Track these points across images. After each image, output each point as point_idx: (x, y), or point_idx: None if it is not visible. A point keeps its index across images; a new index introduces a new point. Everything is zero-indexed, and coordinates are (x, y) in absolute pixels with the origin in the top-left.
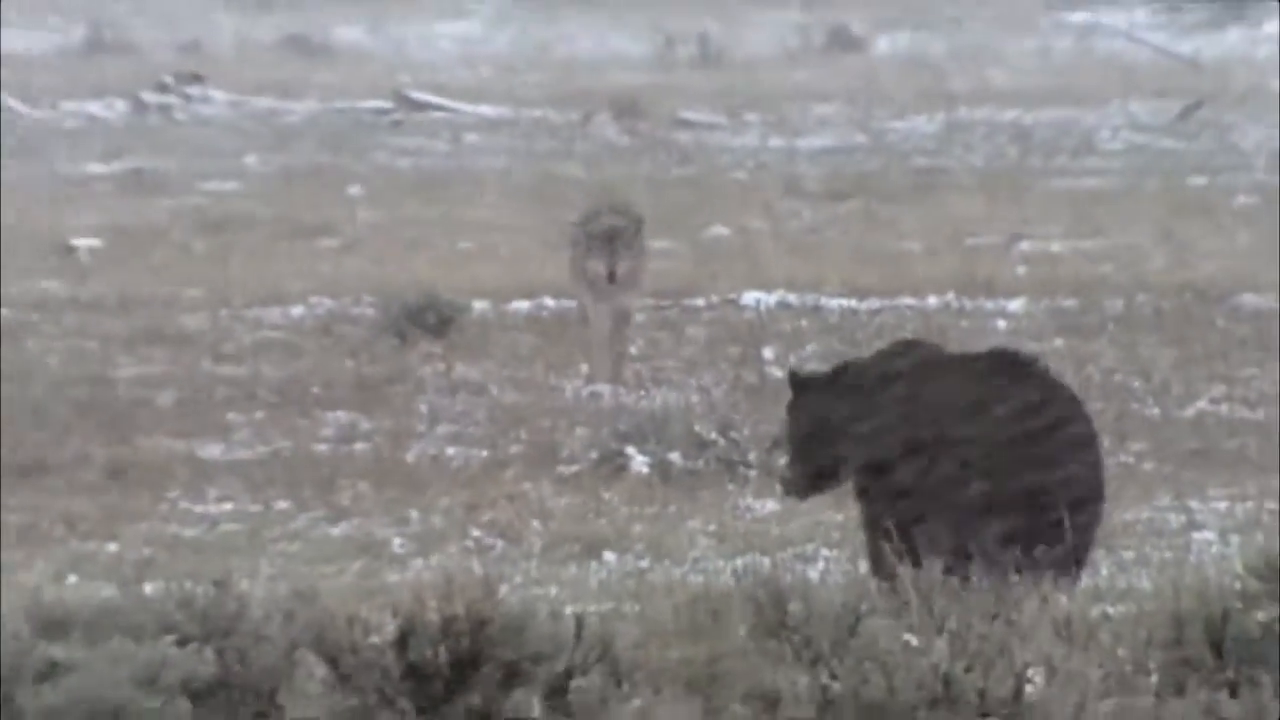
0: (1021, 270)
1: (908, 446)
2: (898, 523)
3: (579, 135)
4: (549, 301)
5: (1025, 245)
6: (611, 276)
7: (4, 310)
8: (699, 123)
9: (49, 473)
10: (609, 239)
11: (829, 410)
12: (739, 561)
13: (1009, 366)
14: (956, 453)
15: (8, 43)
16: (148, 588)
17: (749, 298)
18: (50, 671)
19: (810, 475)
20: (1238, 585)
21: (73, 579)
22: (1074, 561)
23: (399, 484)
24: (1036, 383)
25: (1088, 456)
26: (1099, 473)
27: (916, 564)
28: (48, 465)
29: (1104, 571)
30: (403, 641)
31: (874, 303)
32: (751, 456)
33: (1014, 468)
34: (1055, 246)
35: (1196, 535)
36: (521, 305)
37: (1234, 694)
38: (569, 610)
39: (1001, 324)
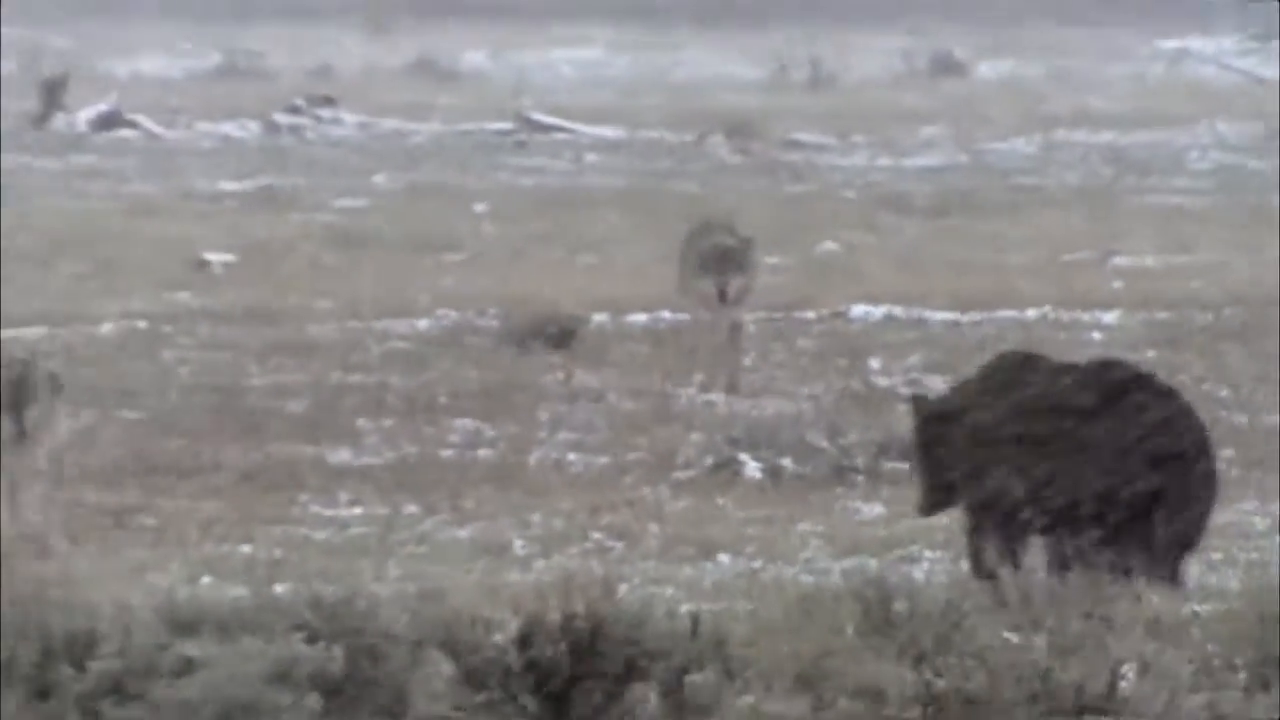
0: (1116, 284)
1: (1017, 454)
2: (1005, 531)
3: (694, 155)
4: (665, 314)
5: (1119, 260)
6: (722, 295)
7: (141, 322)
8: (809, 143)
9: (184, 477)
10: (720, 258)
11: (949, 429)
12: (847, 562)
13: (1118, 374)
14: (1065, 459)
15: (146, 67)
16: (279, 588)
17: (857, 310)
18: (184, 668)
19: (936, 493)
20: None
21: (206, 579)
22: (1177, 564)
23: (521, 488)
24: (1147, 391)
25: (1200, 463)
26: (1211, 480)
27: (1017, 566)
28: (183, 470)
29: (1194, 572)
30: (525, 639)
31: (975, 315)
32: (859, 462)
33: (1124, 473)
34: (1148, 261)
35: None
36: (639, 317)
37: None
38: (684, 609)
39: (1097, 336)
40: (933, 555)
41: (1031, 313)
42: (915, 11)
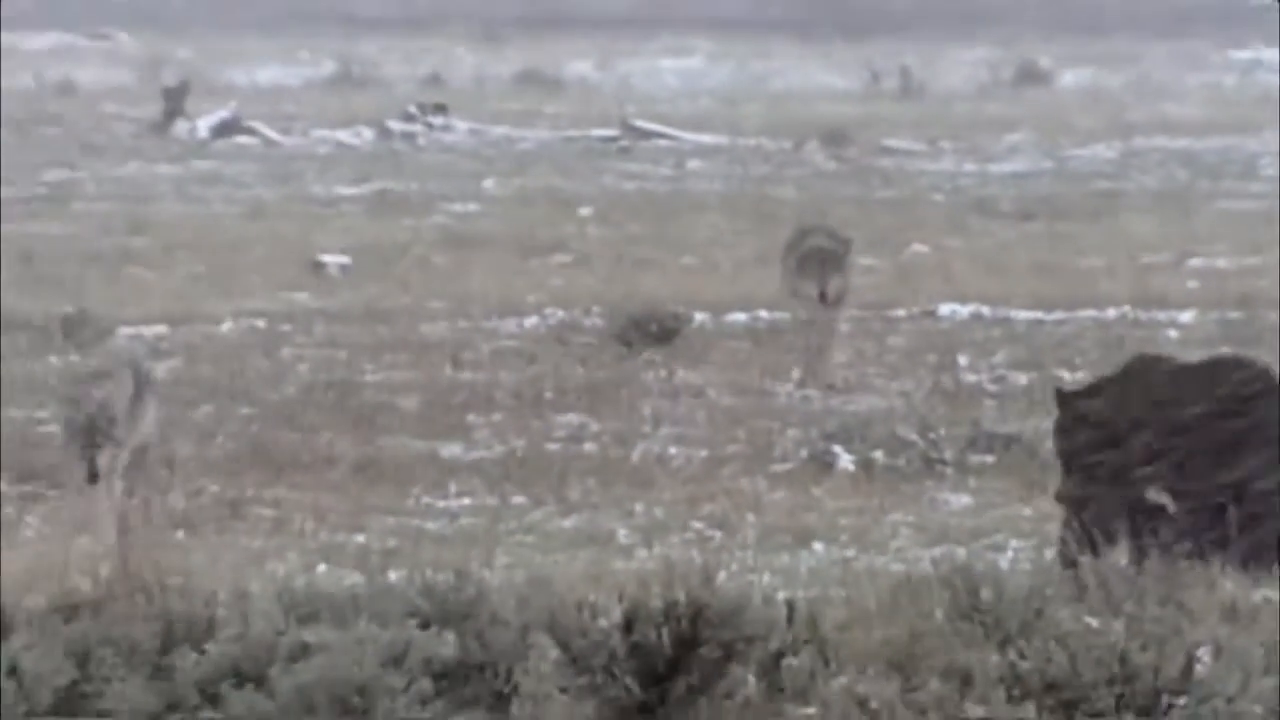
0: (1191, 285)
1: (1147, 452)
2: (1131, 524)
3: (791, 161)
4: (763, 313)
5: (1195, 262)
6: (823, 296)
7: (259, 321)
8: (900, 150)
9: (301, 470)
10: (820, 261)
11: (1089, 422)
12: (936, 551)
13: (1239, 369)
14: (1191, 454)
15: (264, 76)
16: (392, 576)
17: (945, 309)
18: (301, 653)
19: (1081, 485)
20: None
21: (322, 568)
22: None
23: (625, 480)
24: (1264, 382)
25: None
26: None
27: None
28: (300, 463)
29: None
30: (628, 624)
31: (1058, 314)
32: (947, 455)
33: (1247, 464)
34: (1222, 263)
35: None
36: (739, 317)
37: None
38: (781, 596)
39: (1173, 334)
40: (1017, 544)
41: (1111, 312)
42: (1001, 24)
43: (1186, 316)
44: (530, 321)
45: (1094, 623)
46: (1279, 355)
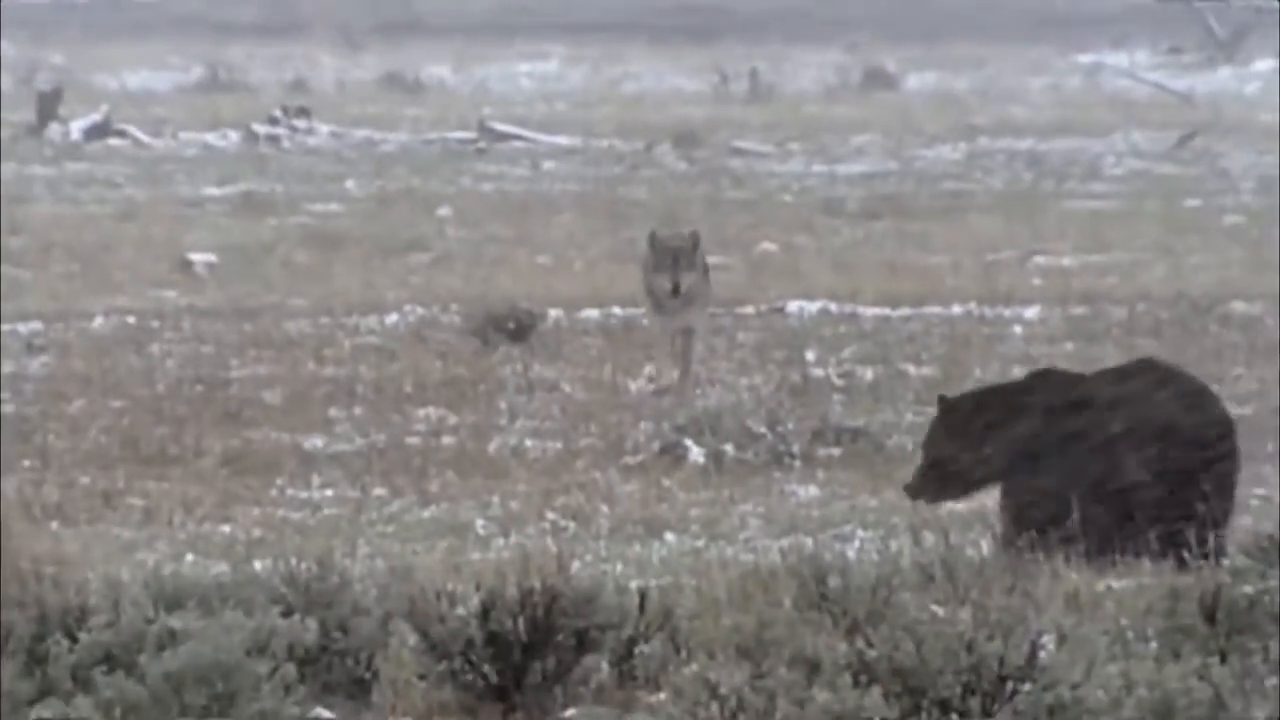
0: (1036, 282)
1: (1051, 455)
2: (1043, 518)
3: (643, 162)
4: (617, 310)
5: (1039, 259)
6: (675, 290)
7: (130, 318)
8: (750, 151)
9: (170, 462)
10: (673, 256)
11: (974, 429)
12: (784, 541)
13: (1148, 373)
14: (1100, 455)
15: (134, 81)
16: (257, 565)
17: (794, 306)
18: (170, 640)
19: (941, 483)
20: (1228, 561)
21: (190, 557)
22: (1216, 543)
23: (482, 472)
24: (1178, 386)
25: (1224, 447)
26: (1234, 463)
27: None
28: (169, 455)
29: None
30: (485, 612)
31: (905, 311)
32: (795, 448)
33: (1157, 462)
34: (1066, 261)
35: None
36: (592, 313)
37: (1224, 660)
38: (633, 584)
39: (1018, 330)
40: (865, 534)
41: (957, 308)
42: (849, 29)
43: (1031, 313)
44: (391, 318)
45: (940, 611)
46: (1120, 350)
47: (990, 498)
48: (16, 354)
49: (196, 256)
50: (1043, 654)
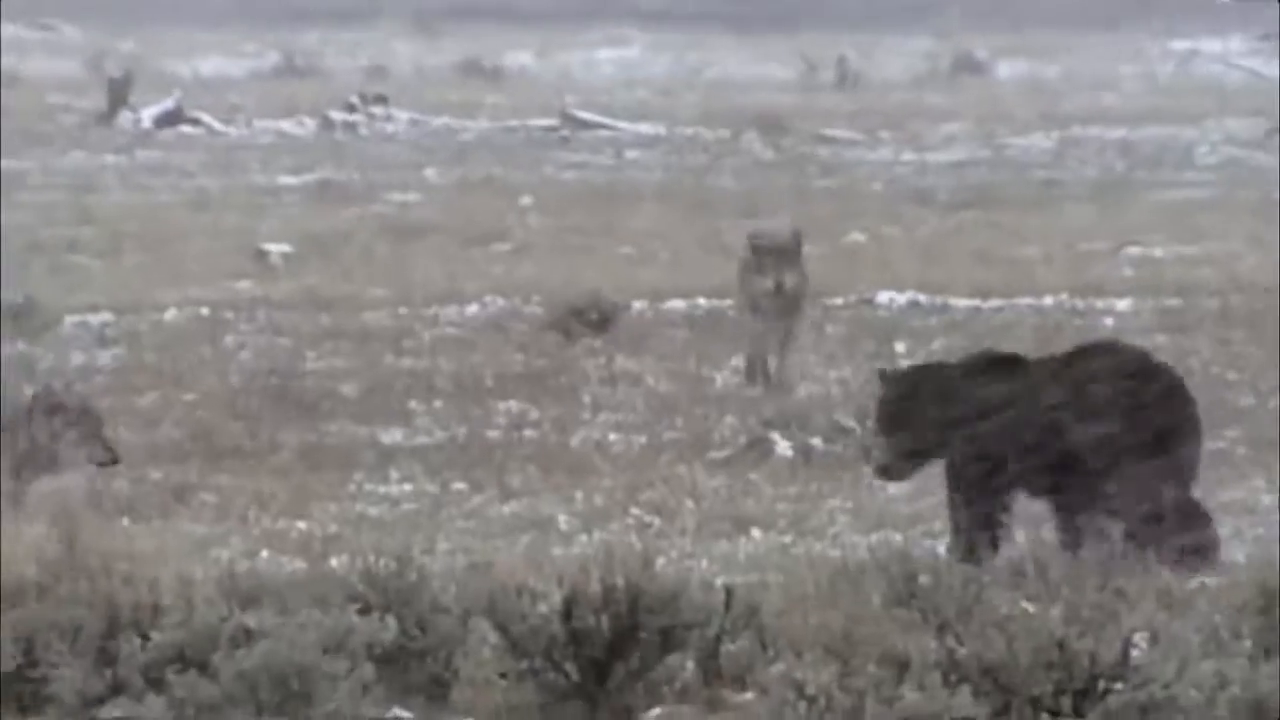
0: (1128, 273)
1: (1012, 438)
2: (985, 493)
3: (729, 151)
4: (701, 301)
5: (1132, 250)
6: (779, 289)
7: (203, 309)
8: (838, 139)
9: (244, 457)
10: (775, 254)
11: (924, 403)
12: (873, 537)
13: (1104, 355)
14: (1033, 417)
15: (208, 67)
16: (334, 562)
17: (883, 297)
18: (244, 638)
19: (903, 460)
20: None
21: (265, 554)
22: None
23: (564, 467)
24: (1137, 368)
25: (1184, 423)
26: (1196, 439)
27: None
28: (243, 450)
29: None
30: (568, 610)
31: (995, 302)
32: None
33: (1119, 448)
34: (1158, 252)
35: None
36: (677, 304)
37: None
38: (719, 582)
39: (1110, 322)
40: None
41: (1049, 300)
42: (937, 15)
43: (1123, 304)
44: (471, 309)
45: (1031, 608)
46: (1212, 342)
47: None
48: (87, 345)
49: (271, 246)
50: (1135, 652)
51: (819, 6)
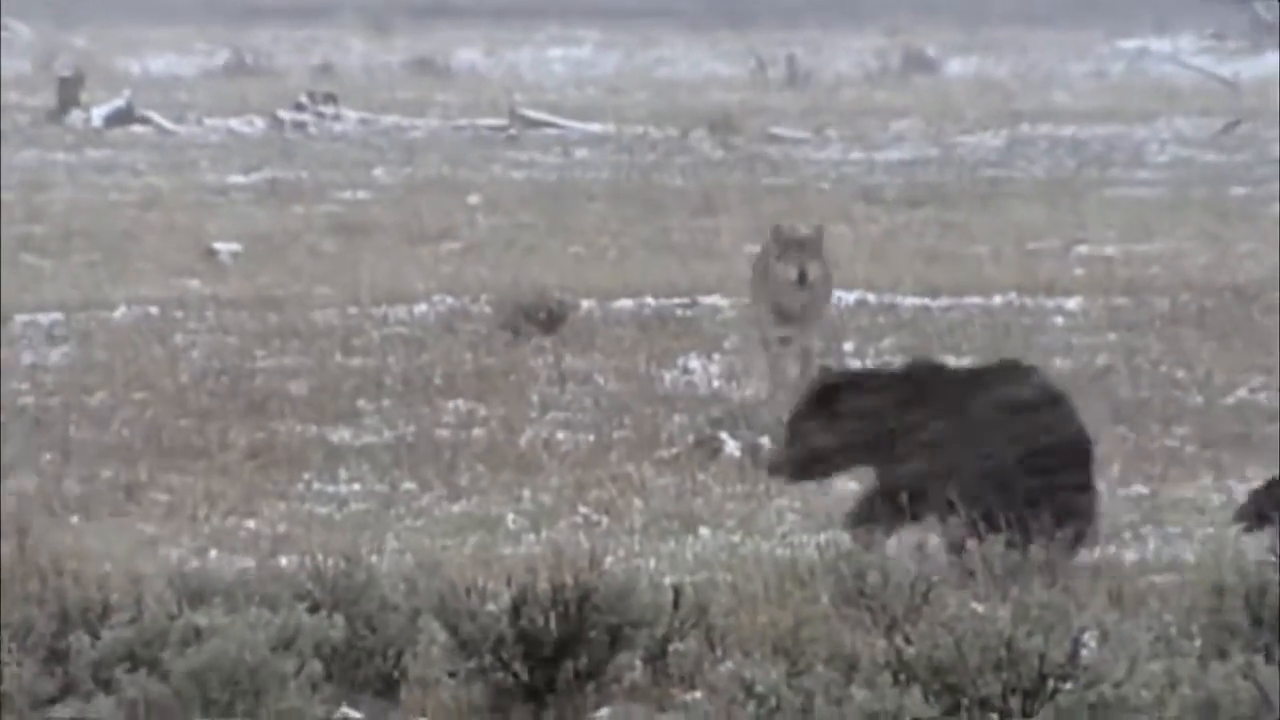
0: (1078, 272)
1: (921, 441)
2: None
3: (678, 149)
4: (650, 300)
5: (1082, 249)
6: (801, 278)
7: (152, 308)
8: (787, 138)
9: (193, 455)
10: (799, 245)
11: (846, 412)
12: (822, 536)
13: (1007, 374)
14: (961, 445)
15: (158, 65)
16: (283, 560)
17: (832, 296)
18: (193, 637)
19: (804, 463)
20: (1274, 558)
21: (214, 553)
22: (1073, 536)
23: (513, 466)
24: (1031, 386)
25: (1076, 447)
26: (1088, 464)
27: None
28: (192, 449)
29: (1151, 545)
30: (516, 609)
31: (944, 301)
32: None
33: (1006, 454)
34: (1109, 250)
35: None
36: (625, 304)
37: (1269, 658)
38: (668, 581)
39: (1060, 321)
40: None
41: (998, 299)
42: (889, 13)
43: (1073, 303)
44: (420, 309)
45: (980, 608)
46: (1163, 341)
47: None
48: (37, 344)
49: (221, 245)
50: (1084, 651)
51: (770, 4)
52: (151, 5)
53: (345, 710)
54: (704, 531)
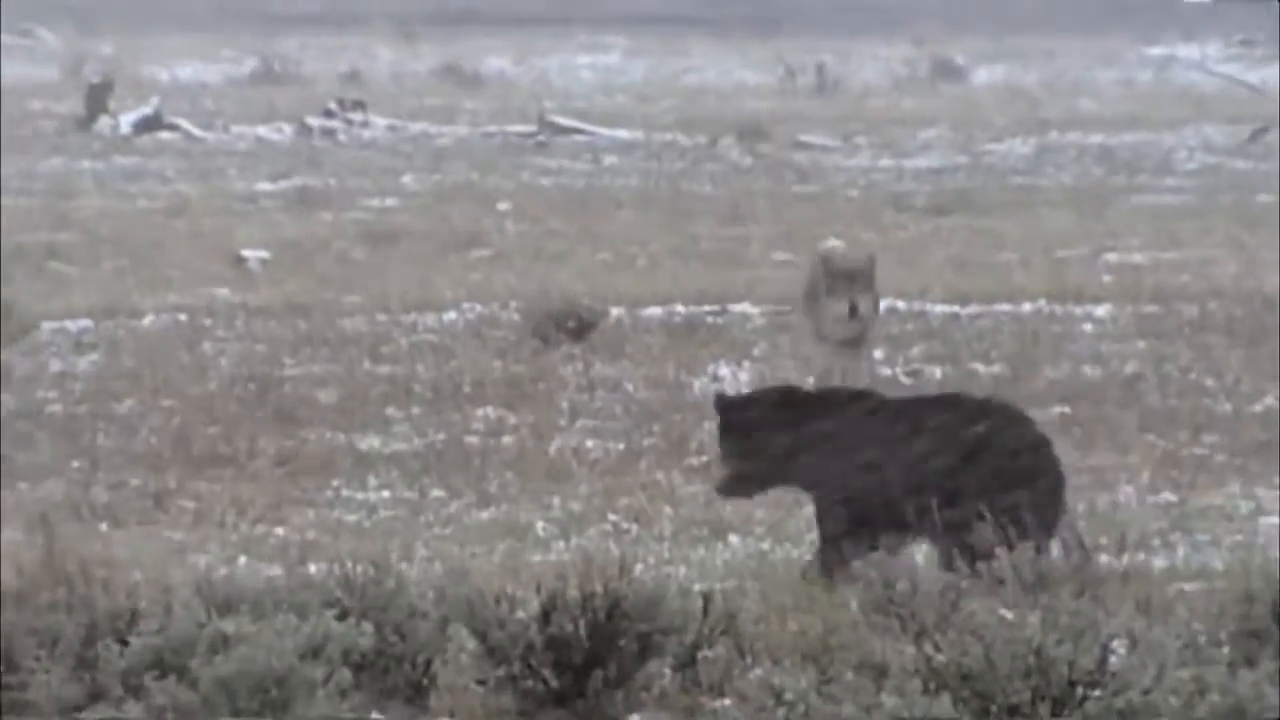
0: (1107, 279)
1: (858, 466)
2: (848, 524)
3: (707, 157)
4: (679, 307)
5: (1110, 256)
6: (853, 312)
7: (181, 315)
8: (816, 145)
9: (222, 463)
10: (849, 277)
11: (767, 429)
12: None
13: (952, 404)
14: (901, 469)
15: (186, 73)
16: (312, 568)
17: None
18: (222, 644)
19: (742, 480)
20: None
21: (243, 560)
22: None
23: (542, 473)
24: (989, 413)
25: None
26: (1055, 483)
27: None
28: (221, 456)
29: (1180, 552)
30: (545, 616)
31: (973, 309)
32: None
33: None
34: (1137, 257)
35: (1264, 520)
36: (654, 311)
37: None
38: (697, 588)
39: (1088, 328)
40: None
41: (1027, 306)
42: (916, 21)
43: (1101, 311)
44: (449, 316)
45: (1009, 615)
46: (1192, 349)
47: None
48: (65, 352)
49: (249, 253)
50: (1113, 659)
51: (798, 12)
52: (178, 13)
53: (375, 717)
54: (733, 539)
